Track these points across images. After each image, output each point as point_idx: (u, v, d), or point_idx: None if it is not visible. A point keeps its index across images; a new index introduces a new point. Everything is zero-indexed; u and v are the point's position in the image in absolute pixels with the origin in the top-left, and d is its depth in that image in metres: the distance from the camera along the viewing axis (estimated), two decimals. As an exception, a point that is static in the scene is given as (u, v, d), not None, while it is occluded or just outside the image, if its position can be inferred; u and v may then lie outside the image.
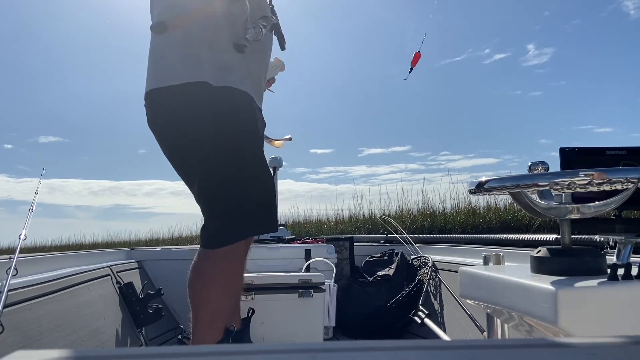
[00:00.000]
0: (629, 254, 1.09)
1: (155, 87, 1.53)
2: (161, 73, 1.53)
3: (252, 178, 1.55)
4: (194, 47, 1.52)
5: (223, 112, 1.49)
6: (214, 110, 1.48)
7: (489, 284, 0.98)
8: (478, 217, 5.97)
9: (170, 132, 1.55)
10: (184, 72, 1.49)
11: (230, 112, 1.50)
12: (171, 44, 1.55)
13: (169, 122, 1.54)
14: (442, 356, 0.30)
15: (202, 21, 1.53)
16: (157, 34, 1.53)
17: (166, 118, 1.54)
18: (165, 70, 1.53)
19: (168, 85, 1.50)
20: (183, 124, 1.51)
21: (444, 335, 2.08)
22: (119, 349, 0.30)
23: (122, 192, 19.14)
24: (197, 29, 1.53)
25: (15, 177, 19.92)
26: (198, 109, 1.48)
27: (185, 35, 1.53)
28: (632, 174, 0.82)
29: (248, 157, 1.54)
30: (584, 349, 0.31)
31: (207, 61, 1.50)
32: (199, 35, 1.52)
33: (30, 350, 0.30)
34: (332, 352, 0.30)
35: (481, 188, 0.96)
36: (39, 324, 1.64)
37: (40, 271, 1.99)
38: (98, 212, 19.18)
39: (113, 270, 2.48)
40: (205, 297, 1.56)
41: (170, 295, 2.69)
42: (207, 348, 0.31)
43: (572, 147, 1.12)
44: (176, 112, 1.51)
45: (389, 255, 3.00)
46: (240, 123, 1.53)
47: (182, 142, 1.53)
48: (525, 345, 0.31)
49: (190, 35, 1.53)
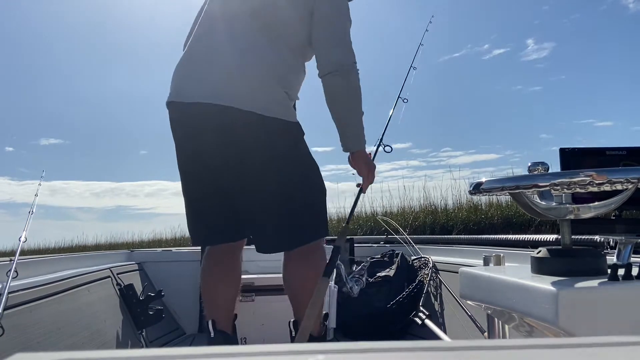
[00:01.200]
0: (629, 254, 1.09)
1: (253, 112, 1.60)
2: (266, 101, 1.63)
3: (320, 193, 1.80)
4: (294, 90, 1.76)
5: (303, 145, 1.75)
6: (296, 144, 1.73)
7: (490, 285, 0.98)
8: (480, 214, 5.96)
9: (256, 157, 1.65)
10: (288, 112, 1.68)
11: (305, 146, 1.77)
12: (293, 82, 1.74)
13: (258, 149, 1.65)
14: (442, 357, 0.30)
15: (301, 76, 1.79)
16: (341, 77, 1.68)
17: (256, 144, 1.65)
18: (273, 100, 1.64)
19: (273, 116, 1.63)
20: (276, 153, 1.66)
21: (444, 336, 2.08)
22: (119, 351, 0.30)
23: (124, 194, 19.14)
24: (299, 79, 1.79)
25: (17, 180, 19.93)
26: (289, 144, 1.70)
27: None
28: (633, 174, 0.82)
29: (317, 176, 1.81)
30: (584, 350, 0.31)
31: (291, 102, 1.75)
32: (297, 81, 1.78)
33: (31, 353, 0.30)
34: (332, 353, 0.30)
35: (480, 189, 0.96)
36: (39, 326, 1.64)
37: (41, 273, 1.99)
38: (100, 213, 19.19)
39: (113, 272, 2.48)
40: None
41: (171, 296, 2.69)
42: (208, 349, 0.31)
43: (572, 148, 1.12)
44: (272, 145, 1.66)
45: (390, 256, 3.00)
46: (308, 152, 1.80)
47: (270, 166, 1.66)
48: (526, 346, 0.31)
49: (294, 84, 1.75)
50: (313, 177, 1.77)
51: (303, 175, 1.73)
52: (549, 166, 0.93)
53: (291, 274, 1.76)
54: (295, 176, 1.70)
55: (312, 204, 1.75)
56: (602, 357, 0.30)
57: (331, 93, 1.71)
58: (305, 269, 1.73)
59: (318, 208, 1.77)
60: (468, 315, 1.91)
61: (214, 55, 1.66)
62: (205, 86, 1.63)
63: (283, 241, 1.71)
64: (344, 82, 1.69)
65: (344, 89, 1.70)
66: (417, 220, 6.68)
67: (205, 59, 1.68)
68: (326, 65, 1.69)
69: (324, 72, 1.69)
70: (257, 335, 2.39)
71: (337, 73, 1.67)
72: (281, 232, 1.69)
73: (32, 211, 1.93)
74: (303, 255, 1.72)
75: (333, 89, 1.71)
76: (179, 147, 1.73)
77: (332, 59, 1.69)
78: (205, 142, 1.66)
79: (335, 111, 1.73)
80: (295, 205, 1.69)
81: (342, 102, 1.71)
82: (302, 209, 1.71)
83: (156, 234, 12.92)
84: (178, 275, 2.90)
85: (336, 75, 1.68)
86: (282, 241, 1.71)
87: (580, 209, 0.91)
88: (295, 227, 1.70)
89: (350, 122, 1.73)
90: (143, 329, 2.26)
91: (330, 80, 1.69)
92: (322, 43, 1.70)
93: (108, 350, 0.30)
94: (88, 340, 1.87)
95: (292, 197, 1.69)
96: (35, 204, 1.97)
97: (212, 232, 1.77)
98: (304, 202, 1.71)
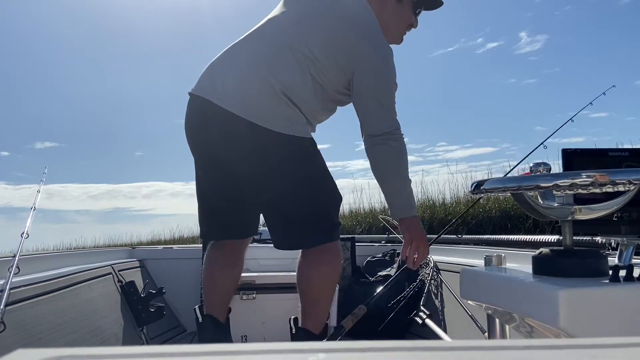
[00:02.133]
0: (631, 255, 1.09)
1: (275, 130, 1.61)
2: (290, 122, 1.64)
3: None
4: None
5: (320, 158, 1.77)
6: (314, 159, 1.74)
7: (491, 285, 0.98)
8: (478, 207, 5.93)
9: (275, 167, 1.66)
10: (304, 128, 1.68)
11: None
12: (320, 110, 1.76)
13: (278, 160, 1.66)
14: (443, 357, 0.30)
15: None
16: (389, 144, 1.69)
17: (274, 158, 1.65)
18: (295, 120, 1.65)
19: (291, 134, 1.63)
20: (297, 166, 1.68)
21: (445, 336, 2.08)
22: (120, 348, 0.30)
23: (121, 195, 19.14)
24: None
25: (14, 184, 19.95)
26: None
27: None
28: (635, 175, 0.82)
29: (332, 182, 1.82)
30: (585, 351, 0.31)
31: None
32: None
33: (32, 349, 0.30)
34: (333, 352, 0.30)
35: (482, 189, 0.96)
36: (41, 322, 1.64)
37: (42, 269, 1.99)
38: (98, 215, 19.21)
39: (115, 269, 2.49)
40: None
41: (172, 294, 2.70)
42: (208, 347, 0.31)
43: (574, 149, 1.12)
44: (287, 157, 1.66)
45: (390, 256, 3.00)
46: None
47: (290, 179, 1.67)
48: (526, 347, 0.31)
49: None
50: (326, 184, 1.78)
51: (314, 180, 1.75)
52: (551, 167, 0.93)
53: (304, 272, 1.77)
54: (309, 180, 1.72)
55: (327, 209, 1.76)
56: (603, 358, 0.30)
57: (377, 160, 1.71)
58: (318, 269, 1.74)
59: (333, 214, 1.79)
60: (469, 315, 1.91)
61: (240, 64, 1.67)
62: (223, 90, 1.64)
63: (303, 238, 1.73)
64: (391, 150, 1.68)
65: (391, 156, 1.70)
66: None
67: (232, 65, 1.68)
68: (372, 134, 1.69)
69: (370, 141, 1.69)
70: (258, 333, 2.39)
71: (384, 141, 1.67)
72: (302, 230, 1.71)
73: (35, 207, 1.93)
74: (318, 255, 1.73)
75: (379, 157, 1.71)
76: (195, 137, 1.75)
77: (377, 127, 1.68)
78: (212, 140, 1.68)
79: (382, 178, 1.73)
80: (311, 208, 1.71)
81: (389, 169, 1.72)
82: (317, 210, 1.73)
83: (155, 235, 12.95)
84: (179, 273, 2.90)
85: (383, 144, 1.68)
86: (302, 238, 1.73)
87: (582, 210, 0.91)
88: (308, 227, 1.72)
89: (399, 187, 1.72)
90: (144, 326, 2.26)
91: (377, 149, 1.69)
92: (368, 111, 1.70)
93: (109, 347, 0.30)
94: (89, 337, 1.87)
95: (309, 199, 1.71)
96: (37, 200, 1.97)
97: (223, 229, 1.82)
98: (319, 206, 1.73)
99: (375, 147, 1.69)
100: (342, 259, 1.83)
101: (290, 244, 1.79)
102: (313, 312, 1.75)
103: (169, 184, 17.99)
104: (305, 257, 1.76)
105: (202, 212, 1.82)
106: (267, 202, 1.72)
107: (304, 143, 1.68)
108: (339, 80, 1.69)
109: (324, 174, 1.77)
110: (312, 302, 1.75)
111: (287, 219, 1.71)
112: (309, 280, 1.74)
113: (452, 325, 2.22)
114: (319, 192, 1.75)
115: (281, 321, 1.95)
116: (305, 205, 1.70)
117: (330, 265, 1.74)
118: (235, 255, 1.87)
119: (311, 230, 1.72)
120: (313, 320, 1.75)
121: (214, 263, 1.85)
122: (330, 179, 1.79)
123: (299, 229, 1.71)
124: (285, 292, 2.36)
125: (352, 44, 1.66)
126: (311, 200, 1.71)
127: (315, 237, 1.72)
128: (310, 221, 1.72)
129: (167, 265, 2.97)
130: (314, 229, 1.72)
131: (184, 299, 2.84)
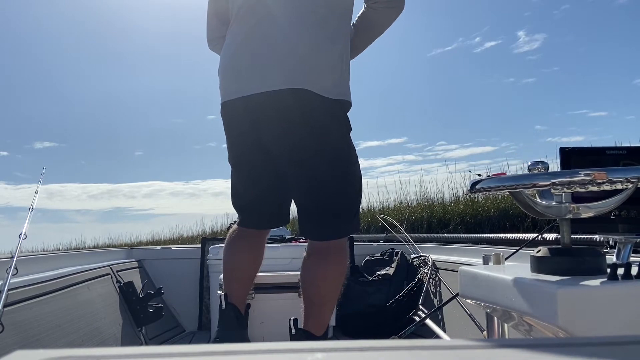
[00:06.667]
0: (629, 253, 1.09)
1: (329, 97, 1.62)
2: (335, 85, 1.65)
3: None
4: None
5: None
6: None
7: (489, 284, 0.98)
8: (477, 206, 5.94)
9: (319, 134, 1.65)
10: (347, 91, 1.71)
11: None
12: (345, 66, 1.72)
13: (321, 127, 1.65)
14: (441, 356, 0.30)
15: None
16: None
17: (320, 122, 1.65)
18: (339, 83, 1.67)
19: (338, 99, 1.65)
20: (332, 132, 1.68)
21: (443, 335, 2.08)
22: (119, 348, 0.30)
23: (121, 195, 19.12)
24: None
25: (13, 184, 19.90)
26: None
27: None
28: (633, 173, 0.82)
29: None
30: (583, 349, 0.31)
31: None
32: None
33: (31, 350, 0.30)
34: (332, 351, 0.30)
35: (480, 188, 0.96)
36: (39, 323, 1.64)
37: (41, 270, 1.99)
38: (98, 215, 19.18)
39: (113, 269, 2.48)
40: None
41: (171, 294, 2.70)
42: (208, 347, 0.31)
43: (571, 147, 1.12)
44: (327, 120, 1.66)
45: (389, 255, 3.00)
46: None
47: (332, 145, 1.67)
48: (525, 345, 0.31)
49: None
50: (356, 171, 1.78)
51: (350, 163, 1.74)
52: (549, 165, 0.93)
53: (310, 270, 1.74)
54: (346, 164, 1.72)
55: (354, 200, 1.76)
56: (601, 356, 0.30)
57: (376, 22, 1.79)
58: (325, 267, 1.71)
59: (356, 205, 1.78)
60: (467, 314, 1.91)
61: (273, 44, 1.63)
62: (275, 73, 1.61)
63: (325, 229, 1.71)
64: (392, 17, 1.75)
65: (387, 23, 1.78)
66: (414, 215, 6.64)
67: (256, 47, 1.65)
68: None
69: (383, 2, 1.72)
70: (257, 333, 2.39)
71: (394, 6, 1.72)
72: (326, 220, 1.70)
73: (32, 207, 1.93)
74: (325, 252, 1.71)
75: (380, 20, 1.78)
76: (241, 138, 1.73)
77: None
78: (267, 129, 1.66)
79: (366, 39, 1.82)
80: (341, 199, 1.70)
81: (376, 34, 1.81)
82: (345, 200, 1.72)
83: (154, 235, 12.93)
84: (178, 273, 2.90)
85: (392, 8, 1.73)
86: (324, 229, 1.71)
87: (580, 208, 0.91)
88: (338, 217, 1.70)
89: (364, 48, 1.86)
90: (143, 326, 2.26)
91: (385, 11, 1.74)
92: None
93: (108, 348, 0.30)
94: (88, 338, 1.87)
95: (341, 187, 1.70)
96: (35, 201, 1.97)
97: (262, 218, 1.85)
98: (348, 195, 1.72)
99: (387, 11, 1.75)
100: (348, 258, 1.82)
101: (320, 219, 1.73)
102: (319, 313, 1.72)
103: (168, 184, 17.99)
104: (315, 255, 1.72)
105: (244, 202, 1.83)
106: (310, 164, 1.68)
107: (347, 107, 1.71)
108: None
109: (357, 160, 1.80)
110: (319, 304, 1.72)
111: (320, 201, 1.68)
112: (320, 280, 1.71)
113: (450, 324, 2.23)
114: (354, 178, 1.75)
115: (280, 321, 1.94)
116: (341, 188, 1.70)
117: (342, 265, 1.72)
118: (258, 242, 1.89)
119: (343, 211, 1.71)
120: (317, 322, 1.72)
121: (239, 248, 1.85)
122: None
123: (343, 212, 1.71)
124: (284, 292, 2.36)
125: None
126: (346, 184, 1.71)
127: (342, 227, 1.71)
128: (343, 203, 1.71)
129: (165, 266, 2.97)
130: (345, 215, 1.71)
131: (183, 299, 2.84)
